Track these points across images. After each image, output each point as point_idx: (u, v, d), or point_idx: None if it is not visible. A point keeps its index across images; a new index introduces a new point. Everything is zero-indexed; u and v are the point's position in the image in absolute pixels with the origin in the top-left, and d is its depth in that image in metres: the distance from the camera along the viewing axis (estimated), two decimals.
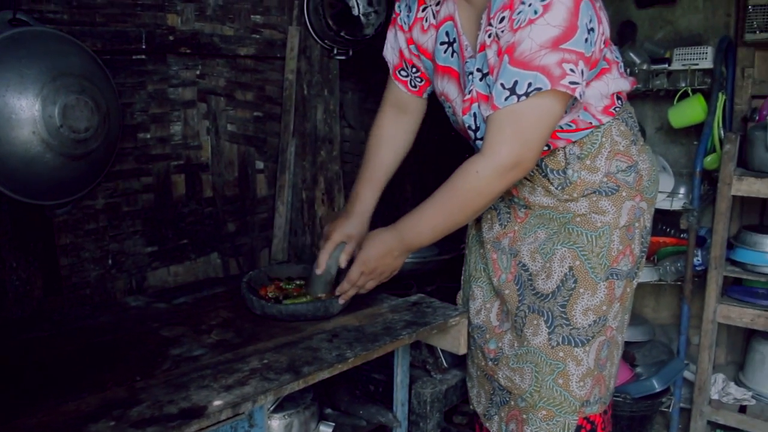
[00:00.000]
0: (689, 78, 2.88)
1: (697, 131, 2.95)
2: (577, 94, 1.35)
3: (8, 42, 1.62)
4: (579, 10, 1.33)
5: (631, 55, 3.02)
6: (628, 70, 2.98)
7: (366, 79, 2.69)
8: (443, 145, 2.54)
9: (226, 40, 2.20)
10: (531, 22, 1.33)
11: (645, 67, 2.98)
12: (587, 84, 1.45)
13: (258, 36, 2.30)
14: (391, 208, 2.97)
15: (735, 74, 2.95)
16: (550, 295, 1.59)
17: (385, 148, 1.80)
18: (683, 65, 2.88)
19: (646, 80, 2.99)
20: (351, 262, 1.64)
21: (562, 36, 1.33)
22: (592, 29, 1.37)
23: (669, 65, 2.93)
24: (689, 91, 2.91)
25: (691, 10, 3.13)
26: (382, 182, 1.80)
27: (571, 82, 1.34)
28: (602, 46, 1.44)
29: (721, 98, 2.81)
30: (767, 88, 2.92)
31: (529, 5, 1.34)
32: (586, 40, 1.35)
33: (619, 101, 1.56)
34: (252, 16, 2.30)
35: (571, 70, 1.33)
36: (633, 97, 3.13)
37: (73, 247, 1.92)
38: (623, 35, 3.26)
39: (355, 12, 2.26)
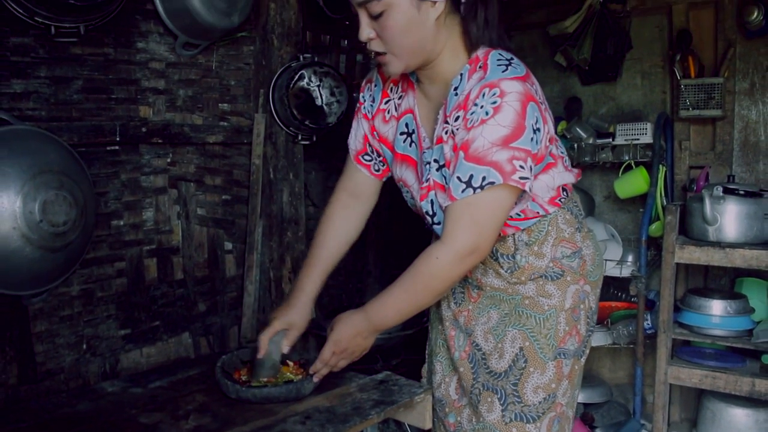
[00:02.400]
0: (632, 152, 3.08)
1: (642, 199, 3.13)
2: (526, 188, 1.49)
3: None
4: (526, 112, 1.47)
5: (578, 130, 3.22)
6: (575, 146, 3.18)
7: (329, 158, 2.82)
8: (404, 220, 2.66)
9: (196, 128, 2.31)
10: (483, 122, 1.47)
11: (591, 141, 3.17)
12: (535, 177, 1.59)
13: (226, 123, 2.42)
14: (355, 280, 3.07)
15: (673, 147, 3.16)
16: (503, 374, 1.69)
17: (331, 236, 1.87)
18: (626, 140, 3.09)
19: (592, 153, 3.18)
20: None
21: (511, 135, 1.46)
22: (539, 129, 1.51)
23: (613, 140, 3.13)
24: (632, 164, 3.11)
25: (630, 88, 3.35)
26: (327, 270, 1.86)
27: (521, 177, 1.47)
28: (547, 143, 1.58)
29: (662, 170, 3.01)
30: (703, 159, 3.14)
31: (481, 107, 1.48)
32: (532, 138, 1.48)
33: (565, 193, 1.70)
34: (220, 105, 2.42)
35: (521, 167, 1.47)
36: (582, 168, 3.32)
37: (48, 333, 1.97)
38: (570, 110, 3.47)
39: (319, 102, 2.41)
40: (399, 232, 3.08)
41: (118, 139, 2.07)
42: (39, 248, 1.73)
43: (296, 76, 2.35)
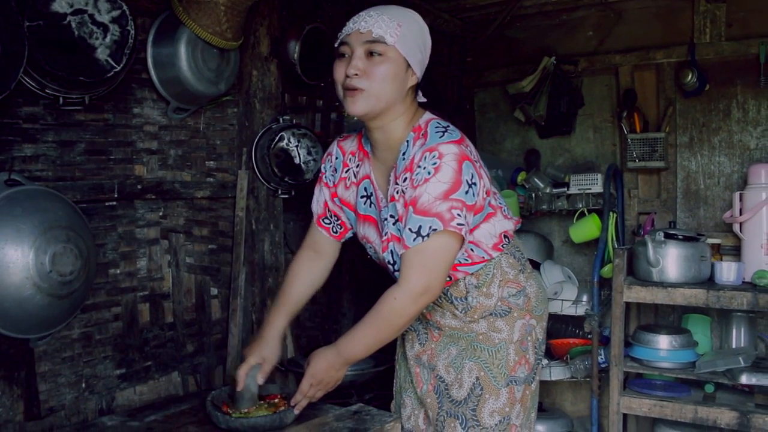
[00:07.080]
0: (585, 200, 3.36)
1: (596, 243, 3.40)
2: (463, 233, 1.74)
3: (5, 201, 1.91)
4: (461, 169, 1.74)
5: (536, 180, 3.49)
6: (533, 195, 3.45)
7: (306, 210, 3.05)
8: (374, 266, 2.91)
9: (186, 185, 2.54)
10: (426, 180, 1.74)
11: (548, 190, 3.45)
12: (477, 226, 1.86)
13: (212, 179, 2.66)
14: (330, 321, 3.29)
15: (623, 195, 3.45)
16: (463, 402, 1.92)
17: (297, 283, 2.13)
18: (579, 189, 3.37)
19: (549, 202, 3.46)
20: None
21: (450, 189, 1.73)
22: (474, 183, 1.77)
23: (568, 189, 3.41)
24: (586, 211, 3.38)
25: (584, 141, 3.66)
26: (293, 311, 2.13)
27: (458, 224, 1.73)
28: (485, 195, 1.85)
29: (613, 216, 3.28)
30: (650, 206, 3.43)
31: (424, 168, 1.75)
32: (467, 192, 1.75)
33: (506, 239, 1.96)
34: (207, 162, 2.65)
35: (458, 215, 1.73)
36: (541, 215, 3.60)
37: (51, 373, 2.16)
38: (529, 162, 3.76)
39: (297, 161, 2.66)
40: (370, 277, 3.31)
41: (116, 195, 2.29)
42: (48, 295, 1.93)
43: (277, 138, 2.60)
